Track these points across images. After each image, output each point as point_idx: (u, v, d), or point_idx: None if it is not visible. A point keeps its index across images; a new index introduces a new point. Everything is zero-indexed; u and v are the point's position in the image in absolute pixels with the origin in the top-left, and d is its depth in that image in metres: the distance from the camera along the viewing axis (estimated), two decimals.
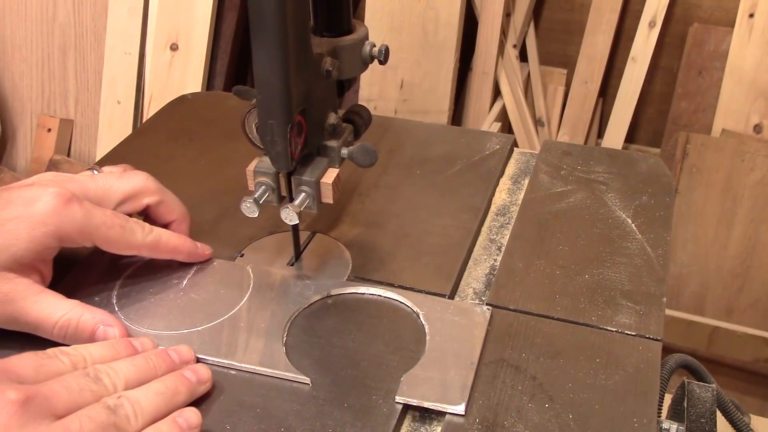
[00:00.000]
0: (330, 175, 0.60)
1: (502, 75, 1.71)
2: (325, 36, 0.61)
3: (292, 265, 0.67)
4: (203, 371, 0.55)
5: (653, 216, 0.73)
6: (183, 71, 1.62)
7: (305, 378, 0.56)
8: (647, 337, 0.60)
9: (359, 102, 1.60)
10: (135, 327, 0.60)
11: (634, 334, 0.60)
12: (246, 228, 0.71)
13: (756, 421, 1.37)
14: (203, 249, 0.66)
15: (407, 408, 0.55)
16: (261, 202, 0.60)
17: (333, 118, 0.62)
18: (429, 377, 0.56)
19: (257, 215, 0.59)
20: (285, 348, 0.58)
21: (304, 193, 0.59)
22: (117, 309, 0.62)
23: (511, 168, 0.83)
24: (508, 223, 0.74)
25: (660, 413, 0.58)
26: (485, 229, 0.74)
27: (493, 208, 0.77)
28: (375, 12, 1.62)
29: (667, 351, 0.65)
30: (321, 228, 0.72)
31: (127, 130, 1.67)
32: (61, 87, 1.77)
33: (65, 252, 0.60)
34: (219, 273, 0.66)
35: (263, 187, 0.60)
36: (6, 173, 1.78)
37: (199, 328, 0.60)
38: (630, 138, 1.82)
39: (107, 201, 0.61)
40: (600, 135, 1.85)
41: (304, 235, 0.70)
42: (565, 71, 1.83)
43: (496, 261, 0.69)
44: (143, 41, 1.65)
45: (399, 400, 0.54)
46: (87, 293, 0.63)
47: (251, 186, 0.61)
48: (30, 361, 0.50)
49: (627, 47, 1.72)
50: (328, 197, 0.61)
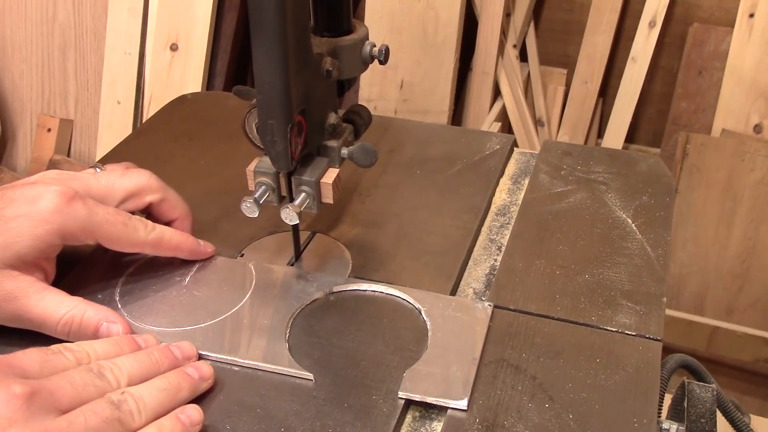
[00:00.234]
0: (330, 175, 0.60)
1: (502, 75, 1.71)
2: (325, 36, 0.61)
3: (292, 266, 0.67)
4: (205, 368, 0.55)
5: (653, 216, 0.73)
6: (183, 71, 1.62)
7: (308, 374, 0.56)
8: (647, 337, 0.60)
9: (359, 102, 1.60)
10: (138, 324, 0.60)
11: (634, 334, 0.60)
12: (246, 228, 0.71)
13: (756, 421, 1.37)
14: (205, 246, 0.67)
15: (407, 408, 0.55)
16: (261, 202, 0.60)
17: (333, 118, 0.62)
18: (431, 373, 0.56)
19: (257, 215, 0.59)
20: (288, 344, 0.58)
21: (304, 193, 0.60)
22: (120, 306, 0.62)
23: (511, 168, 0.83)
24: (508, 223, 0.74)
25: (660, 413, 0.58)
26: (485, 229, 0.74)
27: (493, 208, 0.77)
28: (375, 12, 1.62)
29: (667, 351, 0.65)
30: (321, 228, 0.72)
31: (127, 130, 1.67)
32: (61, 87, 1.77)
33: (68, 250, 0.60)
34: (221, 270, 0.66)
35: (263, 187, 0.60)
36: (6, 173, 1.78)
37: (202, 324, 0.60)
38: (630, 138, 1.82)
39: (110, 199, 0.62)
40: (600, 135, 1.85)
41: (304, 235, 0.70)
42: (565, 71, 1.83)
43: (496, 261, 0.69)
44: (143, 41, 1.65)
45: (402, 395, 0.54)
46: (90, 290, 0.63)
47: (251, 186, 0.61)
48: (35, 357, 0.50)
49: (627, 47, 1.72)
50: (328, 197, 0.61)
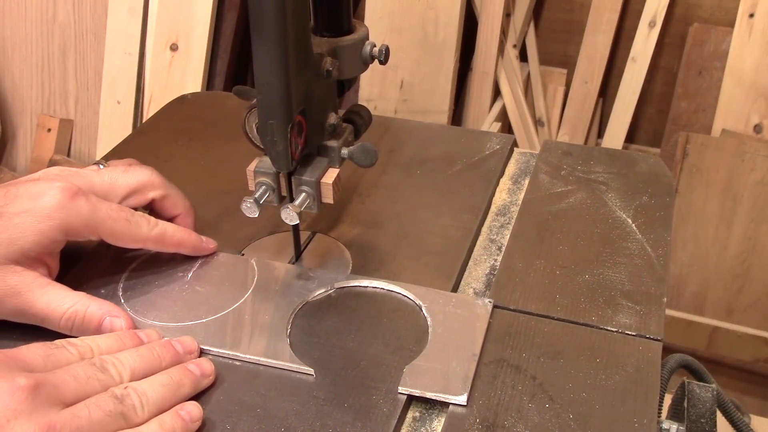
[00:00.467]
0: (330, 175, 0.60)
1: (502, 75, 1.71)
2: (325, 36, 0.61)
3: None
4: (207, 365, 0.55)
5: (653, 216, 0.73)
6: (183, 71, 1.62)
7: (309, 369, 0.56)
8: (647, 337, 0.60)
9: (359, 102, 1.60)
10: (140, 319, 0.60)
11: (634, 334, 0.60)
12: (246, 228, 0.71)
13: (756, 421, 1.37)
14: (208, 243, 0.67)
15: (408, 407, 0.55)
16: (261, 202, 0.60)
17: (333, 118, 0.62)
18: (431, 368, 0.56)
19: (257, 215, 0.60)
20: (289, 340, 0.58)
21: (304, 193, 0.60)
22: (123, 301, 0.62)
23: (511, 168, 0.83)
24: (508, 223, 0.74)
25: (660, 413, 0.58)
26: (485, 229, 0.74)
27: (493, 208, 0.77)
28: (375, 12, 1.62)
29: (667, 351, 0.65)
30: (321, 228, 0.72)
31: (127, 130, 1.67)
32: (61, 87, 1.77)
33: (71, 245, 0.61)
34: (224, 266, 0.66)
35: (263, 187, 0.60)
36: (6, 173, 1.78)
37: (204, 320, 0.60)
38: (630, 138, 1.82)
39: (113, 195, 0.62)
40: (600, 135, 1.85)
41: (304, 235, 0.70)
42: (565, 71, 1.83)
43: (496, 261, 0.69)
44: (143, 41, 1.65)
45: (402, 390, 0.54)
46: (93, 286, 0.63)
47: (251, 186, 0.61)
48: (39, 351, 0.51)
49: (627, 47, 1.72)
50: (328, 197, 0.61)
